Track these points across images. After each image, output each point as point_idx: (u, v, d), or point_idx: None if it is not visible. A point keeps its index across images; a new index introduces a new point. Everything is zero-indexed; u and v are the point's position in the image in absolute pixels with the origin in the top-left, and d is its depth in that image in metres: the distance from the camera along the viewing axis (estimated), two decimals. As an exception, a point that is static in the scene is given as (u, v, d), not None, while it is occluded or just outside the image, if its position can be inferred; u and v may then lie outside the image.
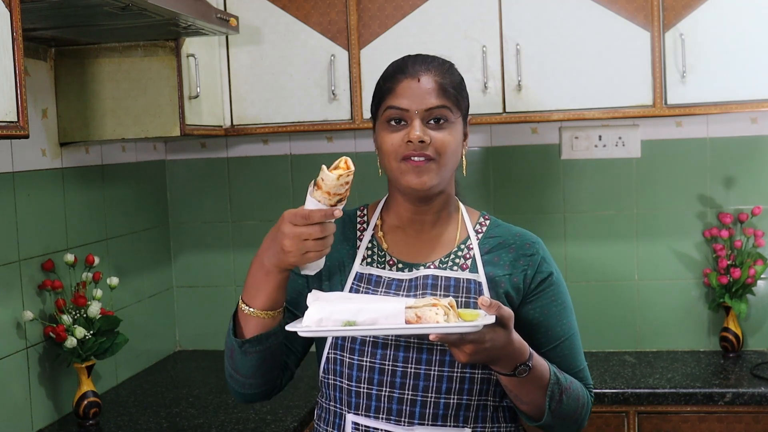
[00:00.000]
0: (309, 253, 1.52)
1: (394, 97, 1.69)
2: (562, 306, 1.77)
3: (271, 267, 1.56)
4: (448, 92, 1.69)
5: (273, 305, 1.61)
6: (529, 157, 3.24)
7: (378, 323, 1.49)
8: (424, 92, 1.68)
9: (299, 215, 1.51)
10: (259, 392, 1.74)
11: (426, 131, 1.66)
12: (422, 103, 1.67)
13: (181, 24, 2.38)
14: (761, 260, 3.04)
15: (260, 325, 1.63)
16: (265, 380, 1.72)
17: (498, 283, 1.71)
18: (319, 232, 1.50)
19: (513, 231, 1.80)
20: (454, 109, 1.70)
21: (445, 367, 1.66)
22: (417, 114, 1.67)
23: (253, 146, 3.38)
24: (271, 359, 1.68)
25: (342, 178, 1.51)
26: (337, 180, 1.51)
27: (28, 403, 2.48)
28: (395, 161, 1.69)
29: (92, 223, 2.84)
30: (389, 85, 1.71)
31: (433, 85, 1.68)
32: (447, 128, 1.69)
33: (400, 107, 1.68)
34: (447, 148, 1.68)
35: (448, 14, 2.87)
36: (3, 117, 1.72)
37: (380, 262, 1.75)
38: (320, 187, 1.52)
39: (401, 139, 1.67)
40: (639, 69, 2.82)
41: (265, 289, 1.60)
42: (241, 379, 1.71)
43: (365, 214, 1.84)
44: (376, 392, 1.68)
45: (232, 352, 1.68)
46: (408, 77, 1.69)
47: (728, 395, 2.69)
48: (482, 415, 1.70)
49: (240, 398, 1.77)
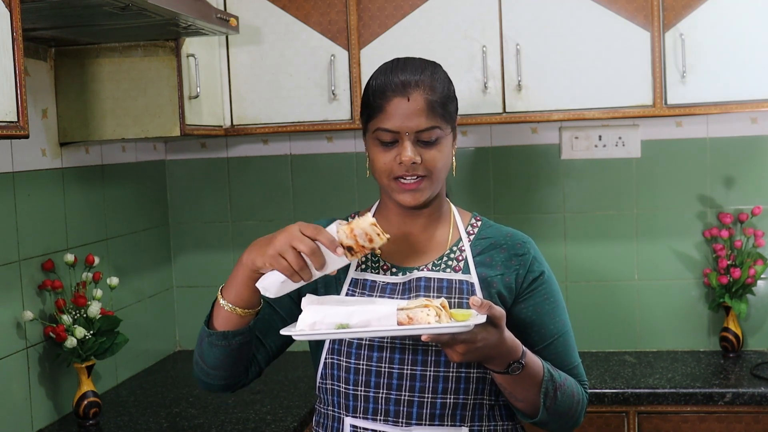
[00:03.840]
0: (283, 261, 1.53)
1: (385, 117, 1.68)
2: (554, 304, 1.77)
3: (247, 262, 1.59)
4: (437, 111, 1.68)
5: (241, 302, 1.63)
6: (529, 157, 3.24)
7: (370, 325, 1.51)
8: (413, 113, 1.67)
9: (311, 226, 1.54)
10: (221, 384, 1.77)
11: (417, 152, 1.67)
12: (413, 124, 1.67)
13: (181, 24, 2.38)
14: (761, 260, 3.04)
15: (229, 321, 1.66)
16: (228, 374, 1.74)
17: (490, 283, 1.73)
18: (308, 249, 1.52)
19: (504, 231, 1.81)
20: (444, 125, 1.70)
21: (441, 368, 1.67)
22: (408, 136, 1.67)
23: (253, 146, 3.38)
24: (235, 356, 1.70)
25: (374, 228, 1.52)
26: (369, 226, 1.52)
27: (28, 403, 2.48)
28: (386, 179, 1.71)
29: (92, 223, 2.84)
30: (379, 103, 1.69)
31: (423, 104, 1.67)
32: (437, 145, 1.69)
33: (391, 129, 1.68)
34: (438, 163, 1.70)
35: (448, 14, 2.87)
36: (3, 117, 1.72)
37: (374, 267, 1.77)
38: (350, 224, 1.53)
39: (393, 159, 1.68)
40: (639, 69, 2.82)
41: (235, 283, 1.63)
42: (205, 368, 1.74)
43: None
44: (374, 394, 1.69)
45: (201, 339, 1.71)
46: (397, 95, 1.68)
47: (728, 395, 2.69)
48: (479, 414, 1.71)
49: (202, 386, 1.80)
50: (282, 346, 1.83)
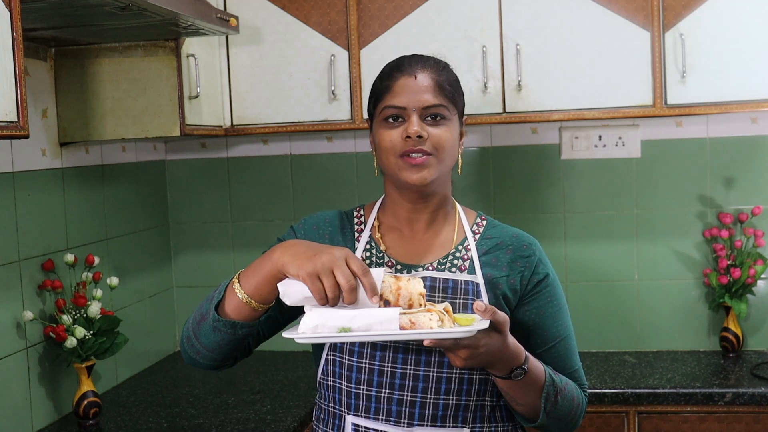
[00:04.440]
0: (318, 283, 1.48)
1: (392, 95, 1.70)
2: (557, 307, 1.77)
3: (278, 263, 1.54)
4: (445, 89, 1.71)
5: (258, 297, 1.60)
6: (529, 157, 3.24)
7: (372, 329, 1.50)
8: (421, 89, 1.69)
9: (358, 261, 1.50)
10: (210, 365, 1.74)
11: (424, 127, 1.68)
12: (419, 100, 1.69)
13: (181, 24, 2.38)
14: (761, 260, 3.04)
15: (241, 311, 1.62)
16: (222, 358, 1.71)
17: (496, 284, 1.72)
18: (348, 285, 1.47)
19: (510, 232, 1.80)
20: (450, 106, 1.72)
21: (444, 369, 1.67)
22: (414, 111, 1.69)
23: (253, 146, 3.38)
24: (236, 344, 1.68)
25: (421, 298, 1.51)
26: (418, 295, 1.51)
27: (28, 403, 2.48)
28: (393, 157, 1.70)
29: (92, 223, 2.84)
30: (387, 84, 1.72)
31: (430, 82, 1.70)
32: (444, 125, 1.70)
33: (398, 105, 1.69)
34: (445, 143, 1.69)
35: (448, 14, 2.87)
36: (3, 117, 1.72)
37: (378, 263, 1.76)
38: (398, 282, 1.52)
39: (399, 135, 1.69)
40: (639, 69, 2.82)
41: (257, 277, 1.58)
42: (198, 347, 1.70)
43: (362, 215, 1.85)
44: (376, 393, 1.69)
45: (203, 317, 1.67)
46: (405, 75, 1.71)
47: (728, 395, 2.69)
48: (480, 415, 1.71)
49: (188, 360, 1.76)
50: (271, 329, 1.79)
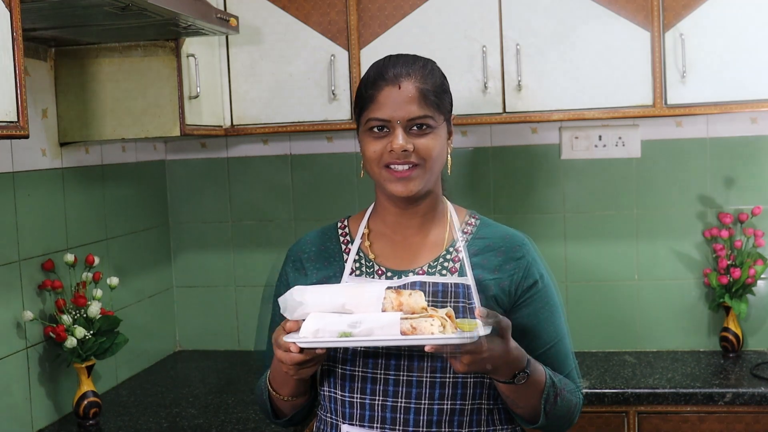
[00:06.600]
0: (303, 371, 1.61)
1: (376, 107, 1.67)
2: (551, 311, 1.75)
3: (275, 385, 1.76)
4: (429, 99, 1.68)
5: (300, 393, 1.74)
6: (529, 157, 3.24)
7: (374, 334, 1.49)
8: (405, 100, 1.66)
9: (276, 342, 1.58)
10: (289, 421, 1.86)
11: (408, 139, 1.66)
12: (404, 112, 1.66)
13: (181, 24, 2.38)
14: (761, 260, 3.04)
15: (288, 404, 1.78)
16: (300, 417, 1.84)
17: (487, 286, 1.70)
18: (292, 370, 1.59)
19: (501, 232, 1.77)
20: (436, 115, 1.69)
21: (437, 373, 1.65)
22: (399, 123, 1.66)
23: (253, 146, 3.38)
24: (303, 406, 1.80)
25: (423, 312, 1.53)
26: (420, 309, 1.53)
27: (28, 403, 2.48)
28: (378, 168, 1.68)
29: (92, 223, 2.84)
30: (371, 93, 1.69)
31: (414, 92, 1.67)
32: (430, 133, 1.68)
33: (382, 118, 1.67)
34: (432, 152, 1.68)
35: (448, 14, 2.87)
36: (3, 117, 1.72)
37: (369, 272, 1.74)
38: (399, 297, 1.54)
39: (384, 147, 1.67)
40: (639, 69, 2.82)
41: (289, 385, 1.72)
42: (271, 415, 1.83)
43: (346, 226, 1.83)
44: (370, 401, 1.67)
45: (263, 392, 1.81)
46: (389, 84, 1.67)
47: (728, 395, 2.69)
48: (477, 419, 1.69)
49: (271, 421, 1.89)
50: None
